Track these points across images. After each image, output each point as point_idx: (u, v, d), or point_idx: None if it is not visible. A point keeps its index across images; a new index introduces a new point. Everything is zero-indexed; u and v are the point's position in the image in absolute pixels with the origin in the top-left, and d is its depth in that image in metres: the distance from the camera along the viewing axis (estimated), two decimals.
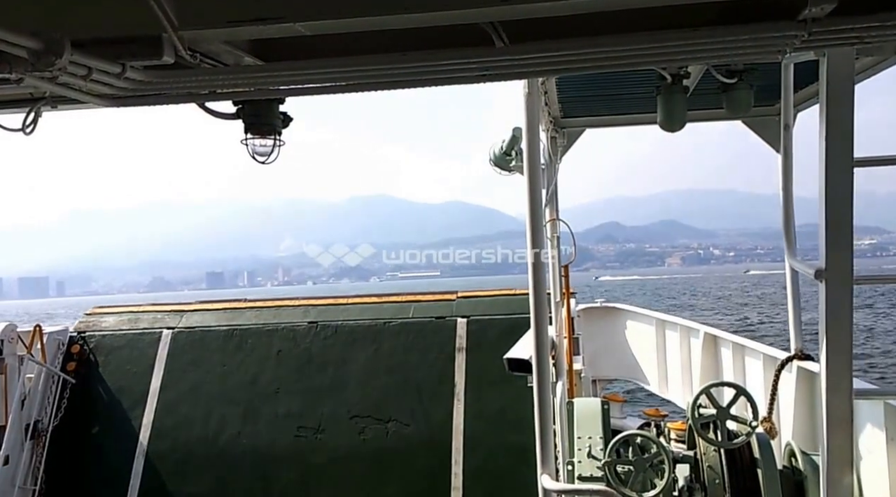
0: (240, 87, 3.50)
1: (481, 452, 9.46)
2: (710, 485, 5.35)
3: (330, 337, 10.82)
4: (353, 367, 10.50)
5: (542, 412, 4.40)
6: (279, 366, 10.74)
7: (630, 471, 5.12)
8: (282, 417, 10.32)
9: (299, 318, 11.16)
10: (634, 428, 6.73)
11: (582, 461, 5.50)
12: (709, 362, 9.02)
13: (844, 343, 3.78)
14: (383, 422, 10.03)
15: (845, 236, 3.66)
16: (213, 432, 10.34)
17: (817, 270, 3.76)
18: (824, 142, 3.59)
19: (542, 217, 4.63)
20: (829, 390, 3.85)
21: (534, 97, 4.27)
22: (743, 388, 5.43)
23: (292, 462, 10.01)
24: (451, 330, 10.41)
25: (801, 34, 2.69)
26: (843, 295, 3.71)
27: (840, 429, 3.87)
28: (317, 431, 10.14)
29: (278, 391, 10.52)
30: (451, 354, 10.21)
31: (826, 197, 3.62)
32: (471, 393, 9.88)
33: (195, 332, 11.25)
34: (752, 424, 5.26)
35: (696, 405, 5.38)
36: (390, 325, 10.70)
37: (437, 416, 9.84)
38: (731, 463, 5.40)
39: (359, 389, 10.31)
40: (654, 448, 5.07)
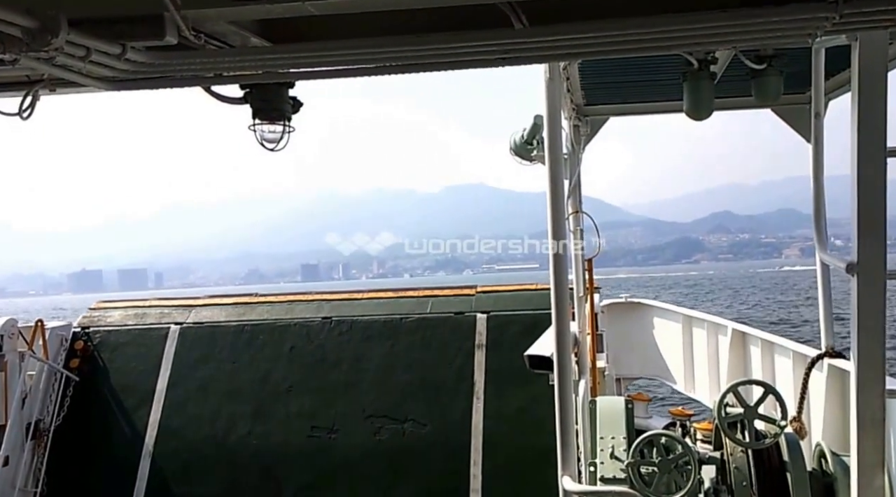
0: (247, 70, 3.49)
1: (501, 453, 9.40)
2: (737, 487, 5.33)
3: (345, 333, 10.77)
4: (369, 365, 10.45)
5: (563, 411, 4.40)
6: (291, 363, 10.69)
7: (654, 472, 5.09)
8: (294, 417, 10.28)
9: (313, 313, 11.13)
10: (659, 428, 6.73)
11: (605, 462, 5.48)
12: (737, 360, 8.97)
13: (877, 340, 3.75)
14: (399, 421, 9.98)
15: (878, 229, 3.63)
16: (222, 432, 10.32)
17: (849, 264, 3.74)
18: (856, 131, 3.56)
19: (565, 209, 4.62)
20: (860, 389, 3.83)
21: (555, 83, 4.27)
22: (771, 387, 5.40)
23: (305, 463, 9.96)
24: (470, 326, 10.35)
25: (832, 16, 2.67)
26: (876, 289, 3.69)
27: (871, 429, 3.85)
28: (330, 431, 10.08)
29: (290, 389, 10.49)
30: (471, 351, 10.14)
31: (858, 188, 3.60)
32: (491, 391, 9.81)
33: (204, 328, 11.22)
34: (781, 424, 5.23)
35: (722, 404, 5.36)
36: (407, 320, 10.66)
37: (456, 416, 9.78)
38: (759, 464, 5.38)
39: (374, 388, 10.26)
40: (679, 449, 5.05)
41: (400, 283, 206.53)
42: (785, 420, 5.26)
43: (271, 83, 4.03)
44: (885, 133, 3.50)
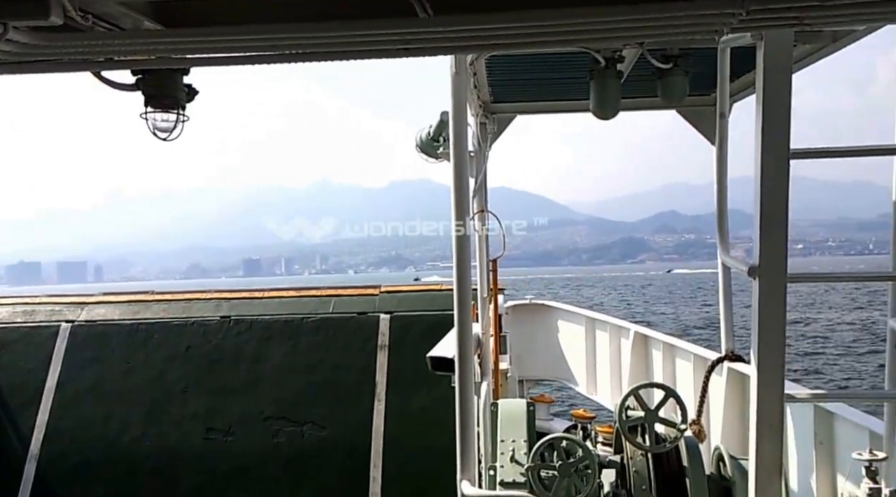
0: (139, 55, 3.27)
1: (402, 456, 9.35)
2: (637, 490, 5.32)
3: (244, 333, 10.56)
4: (268, 366, 10.28)
5: (463, 414, 4.31)
6: (188, 363, 10.44)
7: (554, 476, 5.04)
8: (189, 419, 10.03)
9: (211, 312, 10.86)
10: (561, 430, 6.70)
11: (505, 466, 5.40)
12: (638, 363, 9.08)
13: (777, 343, 3.77)
14: (299, 424, 9.84)
15: (779, 231, 3.64)
16: (114, 434, 9.98)
17: (751, 267, 3.74)
18: (760, 132, 3.56)
19: (470, 208, 4.52)
20: (759, 392, 3.83)
21: (461, 77, 4.16)
22: (672, 390, 5.42)
23: (200, 466, 9.73)
24: (373, 326, 10.26)
25: (739, 12, 2.63)
26: (777, 293, 3.70)
27: (770, 433, 3.86)
28: (227, 433, 9.89)
29: (186, 390, 10.23)
30: (373, 352, 10.06)
31: (761, 190, 3.60)
32: (393, 393, 9.75)
33: (96, 326, 10.84)
34: (681, 428, 5.25)
35: (623, 407, 5.35)
36: (309, 320, 10.49)
37: (356, 418, 9.68)
38: (659, 468, 5.39)
39: (273, 389, 10.09)
40: (580, 452, 5.01)
41: (344, 279, 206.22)
42: (685, 424, 5.28)
43: (165, 69, 3.82)
44: (788, 135, 3.51)
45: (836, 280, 4.57)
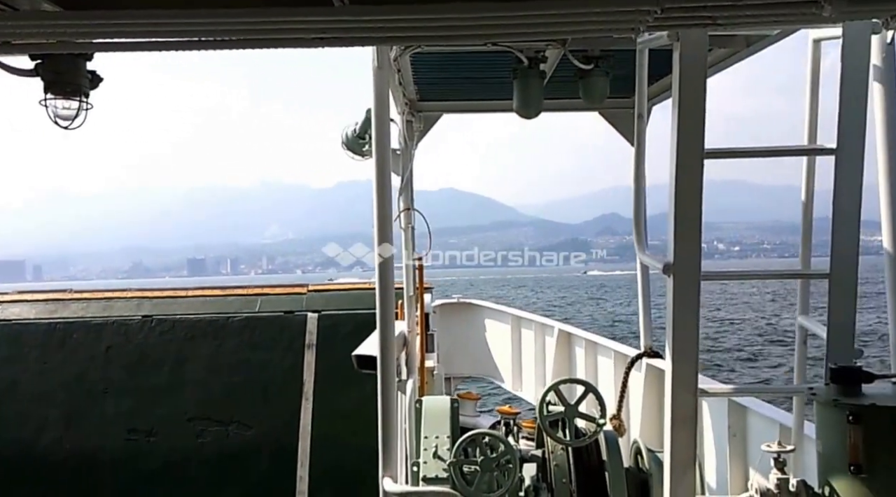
0: (37, 38, 3.10)
1: (330, 455, 9.28)
2: (558, 484, 5.35)
3: (167, 332, 10.33)
4: (192, 366, 10.09)
5: (385, 411, 4.27)
6: (108, 364, 10.17)
7: (476, 471, 5.04)
8: (110, 420, 9.78)
9: (132, 311, 10.59)
10: (486, 426, 6.71)
11: (427, 462, 5.38)
12: (562, 360, 9.18)
13: (691, 339, 3.81)
14: (224, 424, 9.70)
15: (694, 230, 3.68)
16: (30, 437, 9.69)
17: (665, 265, 3.78)
18: (676, 133, 3.60)
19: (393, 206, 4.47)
20: (674, 387, 3.88)
21: (384, 72, 4.10)
22: (591, 385, 5.47)
23: (122, 468, 9.52)
24: (300, 325, 10.13)
25: (655, 10, 2.65)
26: (691, 289, 3.74)
27: (684, 426, 3.91)
28: (150, 434, 9.69)
29: (107, 392, 9.98)
30: (300, 351, 9.94)
31: (676, 189, 3.64)
32: (320, 392, 9.66)
33: (11, 326, 10.47)
34: (600, 422, 5.29)
35: (544, 403, 5.37)
36: (234, 319, 10.30)
37: (284, 417, 9.58)
38: (579, 462, 5.43)
39: (198, 389, 9.92)
40: (502, 447, 5.02)
41: (292, 279, 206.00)
42: (604, 418, 5.32)
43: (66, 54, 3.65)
44: (702, 135, 3.55)
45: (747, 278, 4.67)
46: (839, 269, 3.78)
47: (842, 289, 3.79)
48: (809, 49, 4.27)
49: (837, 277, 3.79)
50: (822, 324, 4.03)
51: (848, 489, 3.18)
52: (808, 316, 4.44)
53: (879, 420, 3.06)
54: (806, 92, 4.28)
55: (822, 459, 3.39)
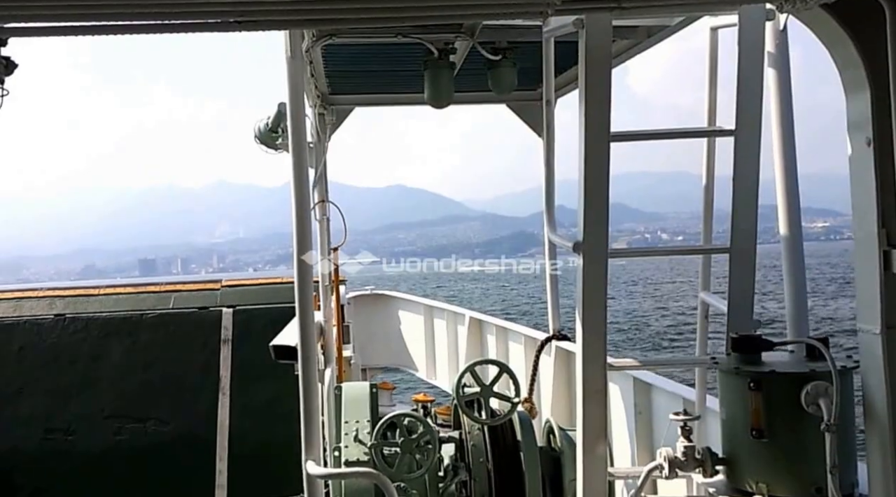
0: None
1: (248, 446, 9.13)
2: (475, 463, 5.37)
3: (80, 331, 9.97)
4: (107, 364, 9.77)
5: (306, 396, 4.19)
6: (21, 364, 9.77)
7: (396, 453, 5.01)
8: (25, 420, 9.42)
9: (44, 310, 10.17)
10: None
11: (349, 446, 5.33)
12: (474, 346, 9.22)
13: (599, 315, 3.85)
14: (141, 420, 9.44)
15: (601, 210, 3.72)
16: None
17: (575, 244, 3.81)
18: (583, 117, 3.63)
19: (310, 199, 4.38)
20: (584, 362, 3.91)
21: (297, 62, 4.00)
22: (505, 365, 5.49)
23: (39, 467, 9.19)
24: (215, 321, 9.90)
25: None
26: (599, 267, 3.78)
27: (594, 400, 3.95)
28: (67, 433, 9.37)
29: (21, 391, 9.58)
30: (216, 347, 9.73)
31: (584, 172, 3.67)
32: (237, 386, 9.49)
33: None
34: (515, 401, 5.33)
35: (460, 384, 5.38)
36: (148, 316, 10.01)
37: (201, 413, 9.38)
38: (495, 441, 5.47)
39: (113, 387, 9.61)
40: (421, 429, 5.00)
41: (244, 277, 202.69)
42: (518, 396, 5.36)
43: None
44: (608, 119, 3.59)
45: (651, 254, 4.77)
46: (739, 244, 3.88)
47: (741, 263, 3.89)
48: (707, 37, 4.38)
49: (737, 252, 3.89)
50: (722, 299, 4.13)
51: (750, 453, 3.25)
52: (709, 292, 4.56)
53: (779, 386, 3.13)
54: (705, 78, 4.39)
55: (725, 426, 3.46)
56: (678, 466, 3.58)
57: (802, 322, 3.94)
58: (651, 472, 3.69)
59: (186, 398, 9.49)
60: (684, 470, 3.57)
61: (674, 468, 3.59)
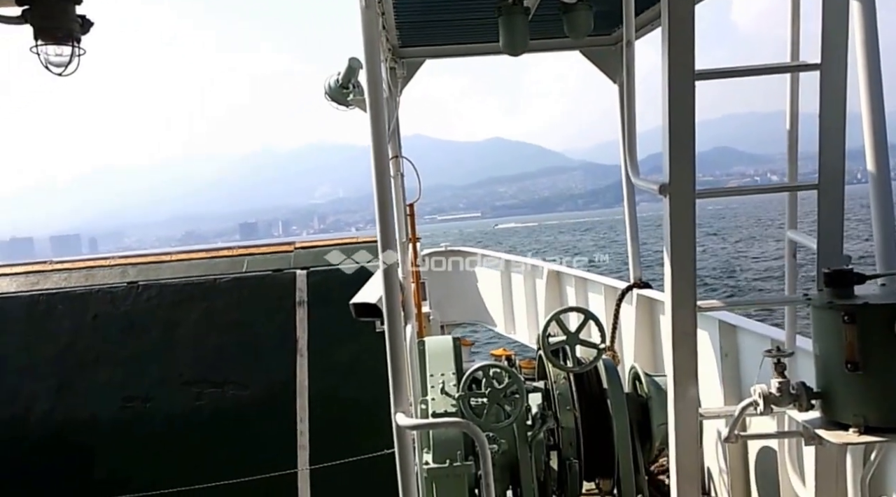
0: None
1: (329, 408, 9.48)
2: (562, 411, 5.63)
3: (153, 297, 10.40)
4: (182, 330, 10.19)
5: (393, 349, 4.41)
6: (96, 332, 10.23)
7: (484, 403, 5.26)
8: (102, 388, 9.86)
9: (117, 278, 10.64)
10: None
11: (436, 398, 5.61)
12: (554, 298, 9.43)
13: (687, 257, 4.01)
14: (219, 385, 9.83)
15: (688, 150, 3.86)
16: (20, 412, 9.75)
17: (661, 185, 3.96)
18: (667, 55, 3.76)
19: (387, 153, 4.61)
20: (674, 304, 4.08)
21: (371, 13, 4.18)
22: (590, 312, 5.71)
23: (119, 435, 9.61)
24: (290, 283, 10.24)
25: None
26: (686, 209, 3.93)
27: (684, 342, 4.12)
28: (145, 400, 9.79)
29: (97, 360, 10.04)
30: (292, 309, 10.06)
31: (669, 112, 3.81)
32: (315, 348, 9.81)
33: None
34: (601, 347, 5.55)
35: (545, 333, 5.61)
36: (222, 281, 10.41)
37: (279, 375, 9.74)
38: (580, 389, 5.70)
39: (190, 353, 10.03)
40: (507, 379, 5.24)
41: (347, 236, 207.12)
42: (604, 342, 5.58)
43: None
44: (693, 56, 3.71)
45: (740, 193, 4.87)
46: (827, 180, 4.00)
47: (830, 198, 4.01)
48: None
49: (825, 188, 4.00)
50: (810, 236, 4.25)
51: (845, 386, 3.40)
52: (797, 230, 4.67)
53: (873, 318, 3.27)
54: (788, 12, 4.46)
55: (819, 361, 3.61)
56: (773, 402, 3.76)
57: (892, 257, 4.05)
58: (745, 410, 3.88)
59: (264, 361, 9.85)
60: (779, 405, 3.75)
61: (768, 404, 3.76)
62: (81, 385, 9.90)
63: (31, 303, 10.40)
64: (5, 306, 10.39)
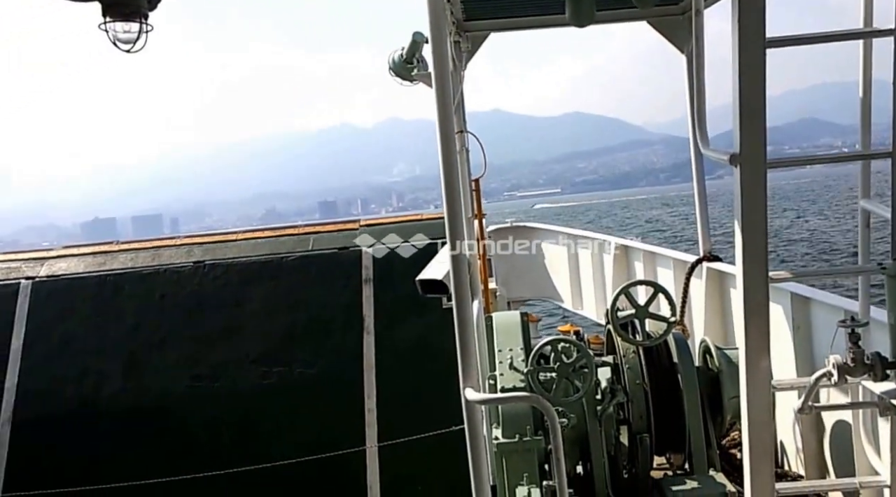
0: None
1: (396, 385, 9.63)
2: (632, 385, 5.72)
3: (220, 277, 10.66)
4: (249, 309, 10.40)
5: (461, 325, 4.53)
6: (163, 312, 10.52)
7: (553, 378, 5.36)
8: (171, 368, 10.14)
9: (183, 258, 10.93)
10: None
11: (504, 373, 5.73)
12: (621, 273, 9.49)
13: (759, 228, 4.06)
14: (287, 363, 10.01)
15: (758, 119, 3.91)
16: (90, 390, 10.11)
17: (732, 155, 4.02)
18: (737, 23, 3.81)
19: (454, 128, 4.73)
20: (745, 276, 4.14)
21: None
22: (660, 285, 5.79)
23: (188, 415, 9.90)
24: (356, 261, 10.42)
25: None
26: (757, 179, 3.98)
27: (757, 314, 4.18)
28: (213, 379, 10.03)
29: (165, 340, 10.33)
30: (358, 287, 10.23)
31: (739, 80, 3.86)
32: (381, 325, 9.95)
33: (60, 281, 10.85)
34: (671, 320, 5.62)
35: (614, 306, 5.70)
36: (288, 259, 10.63)
37: (346, 353, 9.91)
38: (650, 363, 5.79)
39: (258, 331, 10.25)
40: (576, 353, 5.34)
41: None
42: (674, 316, 5.65)
43: None
44: (763, 25, 3.76)
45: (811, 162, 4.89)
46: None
47: None
48: None
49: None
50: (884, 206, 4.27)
51: None
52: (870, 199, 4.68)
53: None
54: None
55: (894, 331, 3.66)
56: (847, 373, 3.82)
57: None
58: (819, 380, 3.94)
59: (331, 340, 10.06)
60: (853, 376, 3.81)
61: (843, 375, 3.83)
62: (150, 364, 10.20)
63: (100, 283, 10.74)
64: (73, 287, 10.74)
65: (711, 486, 5.41)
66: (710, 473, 5.57)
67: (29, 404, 9.98)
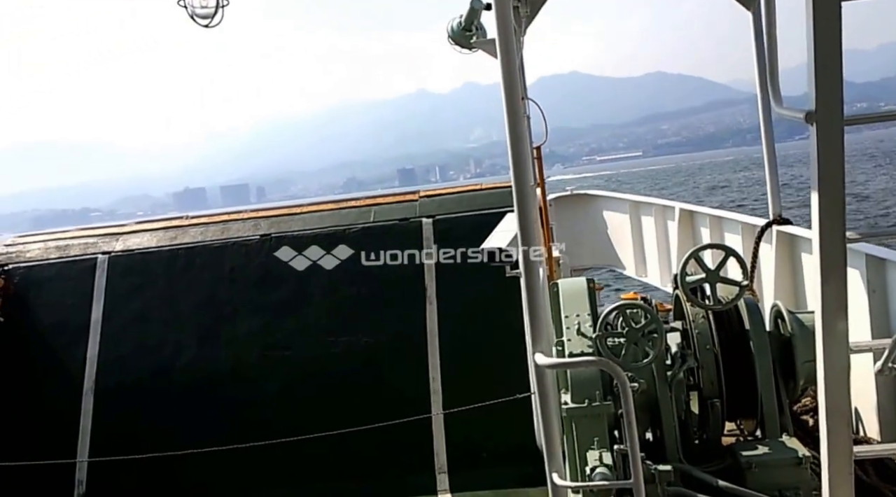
0: None
1: (460, 353, 9.67)
2: (702, 351, 5.64)
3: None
4: (315, 279, 10.53)
5: (530, 289, 4.53)
6: (233, 284, 10.70)
7: (621, 344, 5.34)
8: (243, 338, 10.33)
9: (250, 231, 11.08)
10: None
11: (572, 339, 5.72)
12: (686, 239, 9.34)
13: (837, 187, 3.94)
14: (353, 333, 10.12)
15: (834, 75, 3.78)
16: (167, 360, 10.35)
17: (807, 113, 3.90)
18: None
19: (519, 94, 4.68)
20: (822, 237, 4.03)
21: None
22: (732, 249, 5.69)
23: (261, 382, 10.09)
24: (416, 231, 10.48)
25: None
26: (834, 136, 3.86)
27: (834, 275, 4.08)
28: (284, 349, 10.19)
29: (236, 311, 10.52)
30: (419, 256, 10.26)
31: (814, 37, 3.74)
32: (443, 295, 10.00)
33: (134, 256, 11.09)
34: (743, 284, 5.52)
35: (684, 271, 5.62)
36: (351, 231, 10.71)
37: (410, 322, 9.98)
38: (721, 328, 5.71)
39: (324, 302, 10.39)
40: (645, 317, 5.29)
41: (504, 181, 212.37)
42: (746, 279, 5.55)
43: None
44: None
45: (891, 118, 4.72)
46: None
47: None
48: None
49: None
50: None
51: None
52: None
53: None
54: None
55: None
56: None
57: None
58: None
59: (394, 309, 10.14)
60: None
61: None
62: (223, 335, 10.40)
63: (171, 257, 10.96)
64: (147, 261, 10.99)
65: (784, 451, 5.33)
66: (782, 438, 5.49)
67: (110, 374, 10.26)
